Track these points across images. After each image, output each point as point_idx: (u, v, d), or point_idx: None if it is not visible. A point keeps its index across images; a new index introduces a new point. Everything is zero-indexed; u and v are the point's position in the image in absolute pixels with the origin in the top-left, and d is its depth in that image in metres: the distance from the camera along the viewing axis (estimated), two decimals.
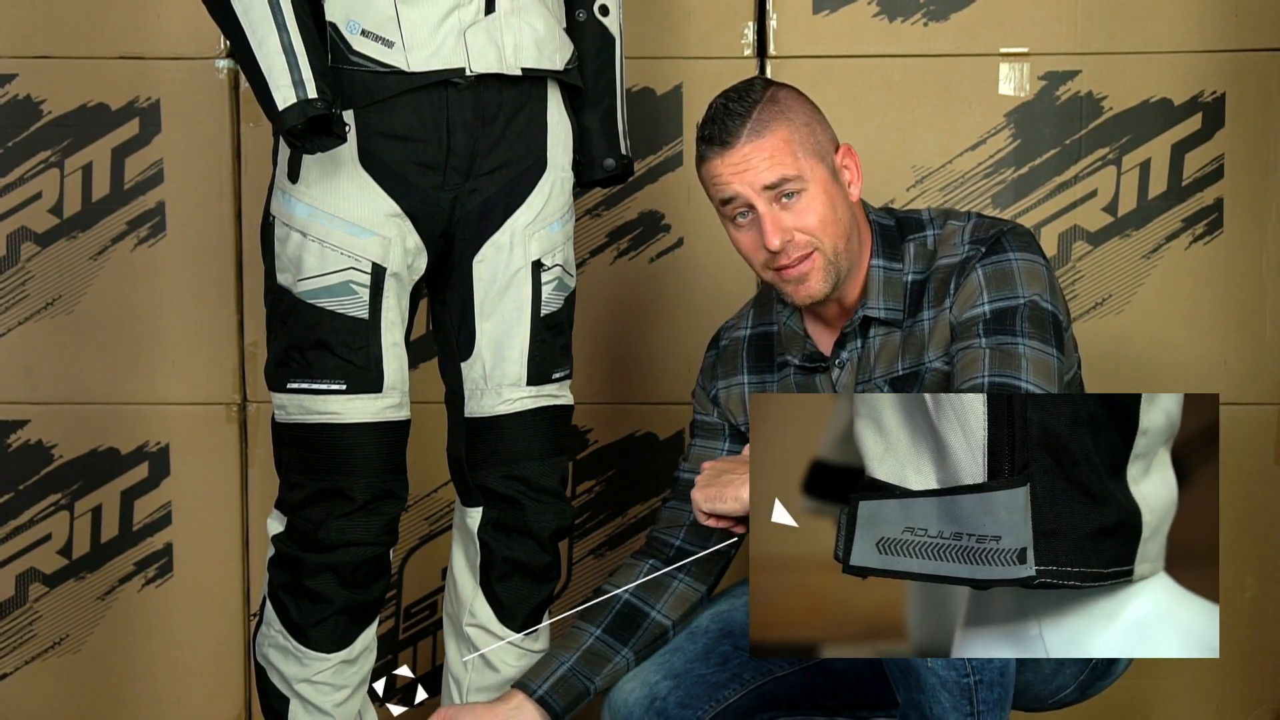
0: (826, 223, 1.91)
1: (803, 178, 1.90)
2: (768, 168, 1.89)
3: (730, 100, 1.92)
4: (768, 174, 1.89)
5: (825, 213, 1.91)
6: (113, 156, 2.63)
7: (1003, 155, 2.61)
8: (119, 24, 2.61)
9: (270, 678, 2.09)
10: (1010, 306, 1.88)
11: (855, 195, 1.97)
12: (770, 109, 1.91)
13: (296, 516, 2.03)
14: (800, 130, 1.91)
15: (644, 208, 2.65)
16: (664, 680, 2.05)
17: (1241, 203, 2.60)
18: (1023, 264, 1.91)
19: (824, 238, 1.91)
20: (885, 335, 1.97)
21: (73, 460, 2.67)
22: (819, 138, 1.94)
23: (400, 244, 2.00)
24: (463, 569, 2.15)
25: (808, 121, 1.93)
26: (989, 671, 1.78)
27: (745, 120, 1.89)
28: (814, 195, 1.90)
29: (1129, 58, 2.59)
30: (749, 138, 1.89)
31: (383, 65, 1.95)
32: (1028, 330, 1.87)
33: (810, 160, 1.91)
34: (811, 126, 1.93)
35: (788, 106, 1.92)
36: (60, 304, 2.65)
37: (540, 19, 2.03)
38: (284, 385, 2.01)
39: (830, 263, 1.92)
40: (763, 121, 1.90)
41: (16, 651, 2.71)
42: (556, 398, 2.12)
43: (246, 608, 2.70)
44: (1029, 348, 1.86)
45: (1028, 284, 1.90)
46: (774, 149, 1.89)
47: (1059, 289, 1.95)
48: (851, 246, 1.95)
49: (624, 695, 2.05)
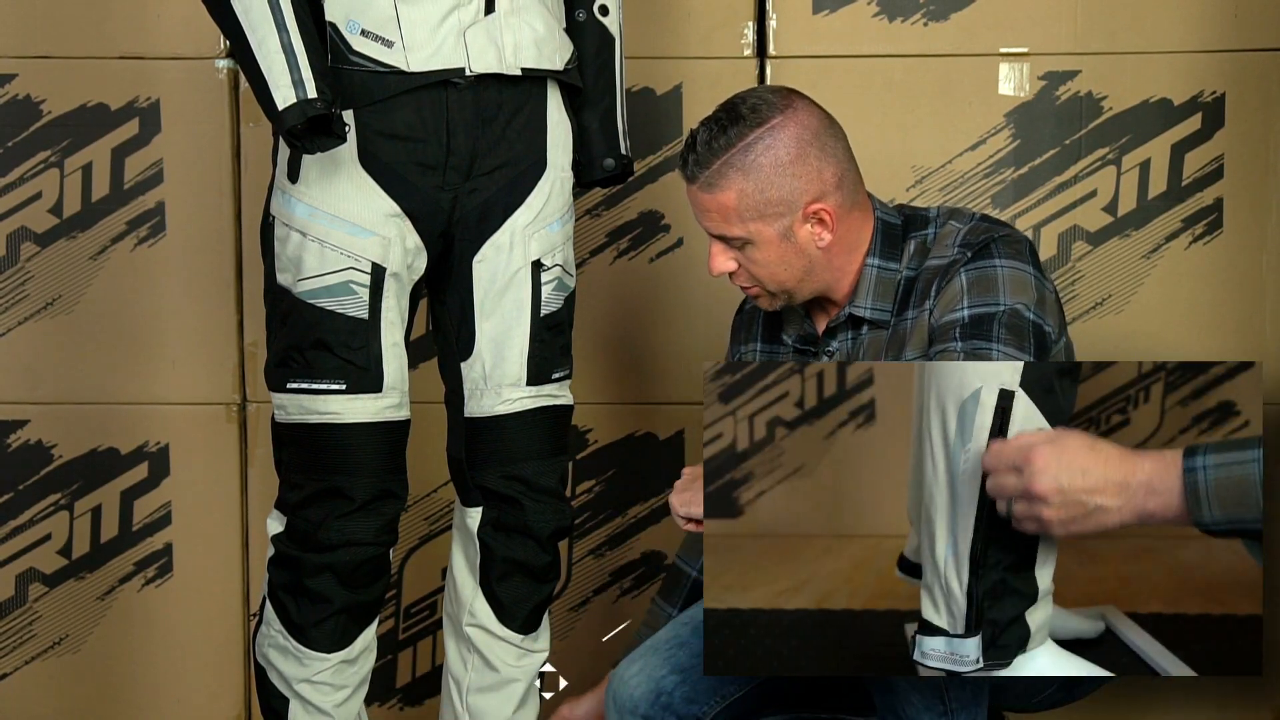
0: (773, 272, 1.94)
1: (745, 238, 1.92)
2: (714, 221, 1.93)
3: (713, 131, 1.91)
4: (713, 226, 1.93)
5: (772, 263, 1.93)
6: (112, 156, 2.63)
7: (1002, 155, 2.61)
8: (119, 24, 2.61)
9: (270, 678, 2.09)
10: (989, 313, 1.87)
11: (826, 243, 1.94)
12: (736, 161, 1.89)
13: (296, 516, 2.03)
14: (751, 193, 1.89)
15: (644, 208, 2.65)
16: (670, 675, 2.05)
17: (1241, 203, 2.60)
18: (1008, 272, 1.89)
19: (768, 281, 1.95)
20: (873, 333, 1.97)
21: (72, 460, 2.67)
22: (777, 196, 1.90)
23: (400, 244, 2.00)
24: (462, 569, 2.15)
25: (769, 180, 1.89)
26: None
27: (704, 168, 1.90)
28: (760, 248, 1.93)
29: (1129, 58, 2.59)
30: (701, 187, 1.91)
31: (382, 65, 1.95)
32: (1004, 336, 1.85)
33: (755, 224, 1.91)
34: (770, 186, 1.89)
35: (753, 162, 1.89)
36: (60, 304, 2.65)
37: (540, 19, 2.03)
38: (284, 385, 2.01)
39: (781, 292, 1.96)
40: (720, 175, 1.89)
41: (16, 651, 2.71)
42: (556, 398, 2.12)
43: (246, 608, 2.70)
44: (1002, 354, 1.83)
45: (1011, 292, 1.87)
46: (720, 208, 1.91)
47: (1051, 300, 1.92)
48: (824, 272, 1.95)
49: (629, 690, 2.06)
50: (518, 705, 2.16)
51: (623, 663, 2.12)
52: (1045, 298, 1.91)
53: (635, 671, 2.07)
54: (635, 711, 2.04)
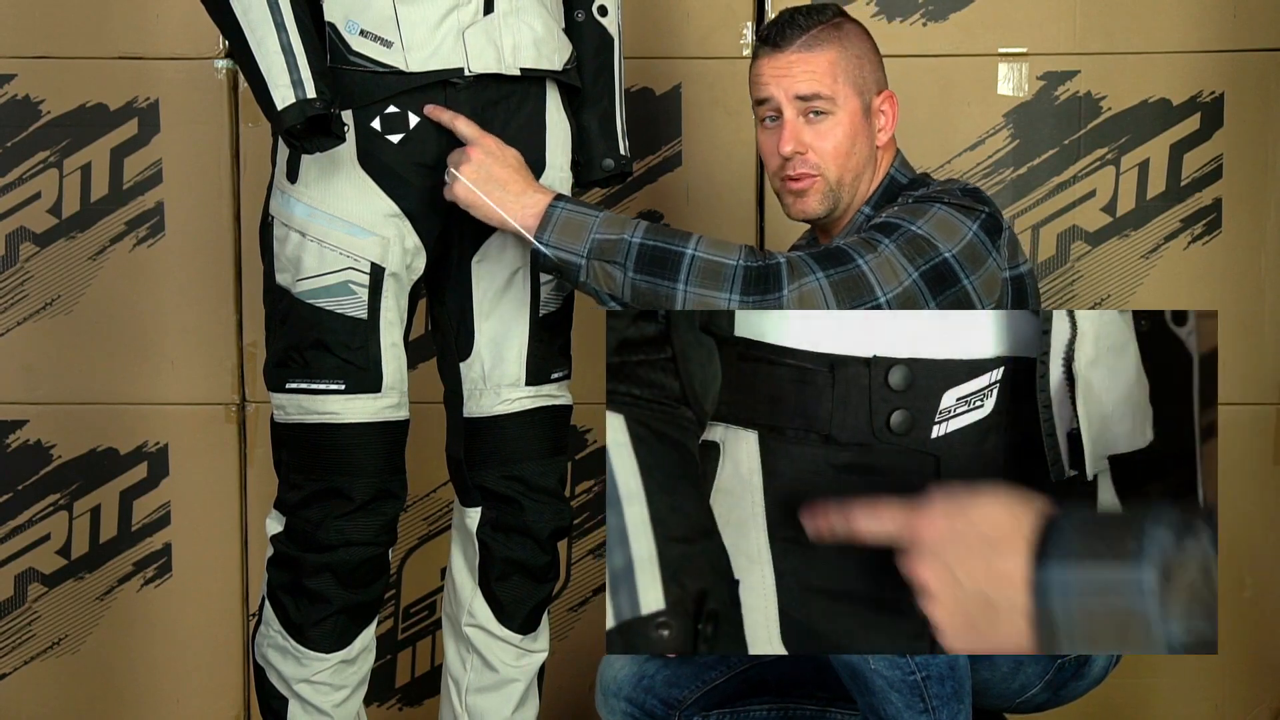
0: (840, 152, 1.99)
1: (834, 100, 1.98)
2: (804, 79, 1.98)
3: (798, 13, 2.01)
4: (804, 85, 1.98)
5: (842, 142, 1.99)
6: (111, 157, 2.63)
7: (1001, 155, 2.61)
8: (118, 24, 2.61)
9: (269, 678, 2.09)
10: (899, 225, 1.89)
11: (883, 140, 2.04)
12: (829, 31, 2.00)
13: (295, 516, 2.03)
14: (849, 59, 2.00)
15: (643, 208, 2.65)
16: (652, 660, 2.08)
17: (1240, 203, 2.60)
18: (942, 214, 1.90)
19: (831, 165, 2.00)
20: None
21: (71, 460, 2.67)
22: (865, 73, 2.01)
23: (399, 244, 2.00)
24: (461, 569, 2.15)
25: (860, 55, 2.01)
26: (935, 666, 1.79)
27: (803, 32, 1.99)
28: (839, 121, 1.99)
29: (1128, 58, 2.59)
30: (800, 48, 1.98)
31: (381, 65, 1.95)
32: (900, 244, 1.86)
33: (847, 88, 1.99)
34: (862, 61, 2.01)
35: (846, 34, 2.01)
36: (59, 304, 2.65)
37: (539, 19, 2.03)
38: (283, 385, 2.01)
39: (830, 190, 2.01)
40: (818, 38, 1.99)
41: (15, 652, 2.71)
42: (555, 398, 2.12)
43: (245, 608, 2.70)
44: (890, 253, 1.85)
45: (934, 227, 1.88)
46: (817, 66, 1.98)
47: (983, 260, 1.89)
48: (858, 184, 2.02)
49: (614, 672, 2.08)
50: (517, 705, 2.16)
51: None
52: (976, 254, 1.89)
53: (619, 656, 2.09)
54: (619, 694, 2.07)
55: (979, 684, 1.91)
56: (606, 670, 2.11)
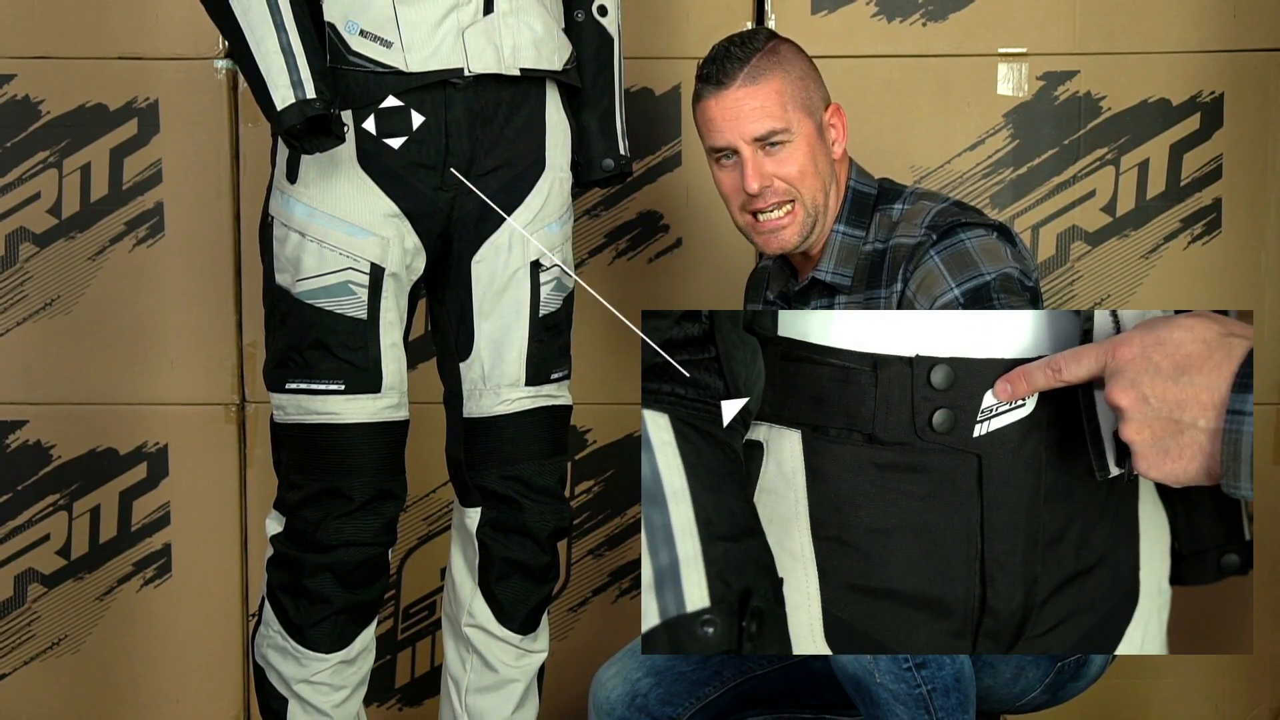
0: (806, 174, 1.99)
1: (789, 130, 1.97)
2: (757, 119, 1.97)
3: (732, 44, 1.99)
4: (758, 125, 1.97)
5: (805, 164, 1.99)
6: (111, 157, 2.63)
7: (1001, 155, 2.61)
8: (118, 24, 2.61)
9: (269, 678, 2.09)
10: (981, 284, 1.88)
11: (838, 153, 2.04)
12: (768, 59, 1.98)
13: (295, 517, 2.03)
14: (793, 84, 1.99)
15: (643, 208, 2.65)
16: (645, 677, 2.07)
17: (1240, 203, 2.60)
18: (978, 244, 1.91)
19: (802, 188, 1.99)
20: (849, 303, 2.00)
21: (71, 460, 2.67)
22: (810, 93, 2.01)
23: (399, 244, 2.00)
24: (461, 569, 2.15)
25: (802, 76, 2.00)
26: (941, 679, 1.78)
27: (743, 65, 1.97)
28: (797, 147, 1.98)
29: (1127, 58, 2.59)
30: (744, 82, 1.97)
31: (381, 65, 1.95)
32: (1004, 300, 1.86)
33: (798, 114, 1.98)
34: (805, 81, 2.01)
35: (785, 59, 2.00)
36: (59, 304, 2.65)
37: (539, 19, 2.03)
38: (282, 385, 2.01)
39: (809, 215, 2.00)
40: (759, 69, 1.97)
41: (15, 652, 2.71)
42: (555, 398, 2.12)
43: (245, 608, 2.70)
44: (1008, 307, 1.85)
45: (990, 261, 1.89)
46: (766, 99, 1.97)
47: (1030, 266, 1.93)
48: (828, 201, 2.02)
49: (606, 691, 2.07)
50: (516, 705, 2.16)
51: (604, 665, 2.13)
52: (1025, 259, 1.93)
53: (612, 674, 2.08)
54: (611, 714, 2.05)
55: (982, 691, 1.91)
56: (599, 691, 2.09)
